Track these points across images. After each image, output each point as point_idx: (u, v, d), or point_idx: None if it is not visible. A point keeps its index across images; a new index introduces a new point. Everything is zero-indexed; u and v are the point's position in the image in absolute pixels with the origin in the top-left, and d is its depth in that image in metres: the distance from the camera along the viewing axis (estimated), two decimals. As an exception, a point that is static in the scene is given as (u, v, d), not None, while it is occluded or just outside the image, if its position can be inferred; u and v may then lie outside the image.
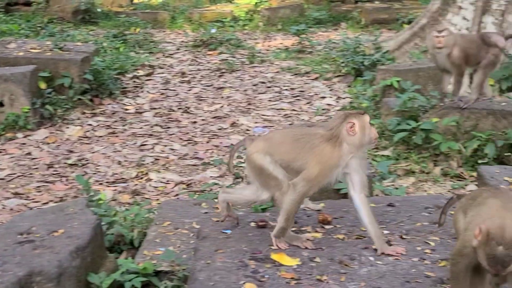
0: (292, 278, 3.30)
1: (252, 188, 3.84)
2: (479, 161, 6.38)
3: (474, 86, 6.59)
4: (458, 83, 6.48)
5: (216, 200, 5.36)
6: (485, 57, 6.39)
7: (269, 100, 9.40)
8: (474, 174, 5.94)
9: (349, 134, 3.60)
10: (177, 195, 6.11)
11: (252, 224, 3.97)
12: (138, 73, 10.76)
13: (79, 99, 8.56)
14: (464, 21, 9.74)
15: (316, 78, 10.54)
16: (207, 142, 7.68)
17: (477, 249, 2.77)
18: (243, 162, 5.89)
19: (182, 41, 13.56)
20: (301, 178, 3.59)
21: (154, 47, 12.79)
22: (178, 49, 12.98)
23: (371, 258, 3.52)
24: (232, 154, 4.24)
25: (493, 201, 3.00)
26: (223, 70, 11.09)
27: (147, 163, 6.91)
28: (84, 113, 8.53)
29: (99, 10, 15.60)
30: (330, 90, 9.88)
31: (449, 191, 5.93)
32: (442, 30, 6.31)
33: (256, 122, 8.44)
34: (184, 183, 6.44)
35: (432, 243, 3.74)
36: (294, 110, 8.96)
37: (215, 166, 6.79)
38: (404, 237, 3.83)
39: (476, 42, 6.39)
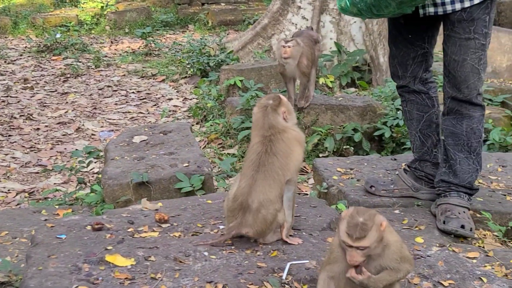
0: (126, 278, 3.29)
1: None
2: (320, 155, 6.60)
3: (310, 83, 6.80)
4: (305, 88, 6.68)
5: (57, 206, 5.27)
6: (315, 54, 6.66)
7: (115, 104, 9.29)
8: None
9: (286, 121, 3.74)
10: (18, 204, 5.91)
11: (88, 227, 3.90)
12: (-24, 81, 10.33)
13: None
14: (304, 20, 10.03)
15: (162, 80, 10.53)
16: (51, 149, 7.50)
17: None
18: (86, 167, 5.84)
19: (26, 47, 13.12)
20: (293, 168, 3.67)
21: (-5, 53, 12.32)
22: (21, 55, 12.55)
23: (206, 253, 3.56)
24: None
25: None
26: (68, 75, 10.84)
27: (-14, 173, 6.66)
28: None
29: None
30: (177, 91, 9.90)
31: (292, 185, 6.08)
32: (289, 41, 6.45)
33: (102, 126, 8.33)
34: (26, 192, 6.26)
35: (266, 235, 3.83)
36: (141, 112, 8.91)
37: (58, 173, 6.64)
38: (239, 230, 3.91)
39: (310, 44, 6.61)
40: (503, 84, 8.07)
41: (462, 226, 4.05)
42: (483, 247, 3.97)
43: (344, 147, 6.68)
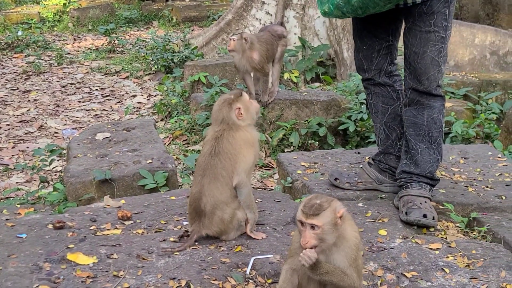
0: (88, 276, 3.26)
1: None
2: (286, 150, 6.61)
3: (274, 78, 6.79)
4: (265, 83, 6.64)
5: (18, 205, 5.20)
6: (277, 50, 6.62)
7: (79, 101, 9.19)
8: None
9: (239, 118, 3.69)
10: (-21, 204, 5.82)
11: (50, 226, 3.85)
12: None
13: None
14: (268, 15, 10.03)
15: (126, 77, 10.43)
16: (13, 147, 7.39)
17: None
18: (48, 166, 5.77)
19: (-14, 45, 12.93)
20: (241, 171, 3.61)
21: (-47, 51, 12.11)
22: (-19, 53, 12.37)
23: (170, 250, 3.54)
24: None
25: None
26: (30, 73, 10.69)
27: None
28: None
29: None
30: (141, 88, 9.82)
31: (258, 181, 6.08)
32: (235, 34, 6.39)
33: (65, 124, 8.23)
34: (-13, 191, 6.16)
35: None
36: (104, 110, 8.82)
37: (20, 171, 6.55)
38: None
39: (269, 39, 6.55)
40: (465, 77, 8.14)
41: (424, 216, 4.08)
42: (446, 238, 4.00)
43: (309, 141, 6.70)
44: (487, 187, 4.69)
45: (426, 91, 4.20)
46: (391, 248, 3.72)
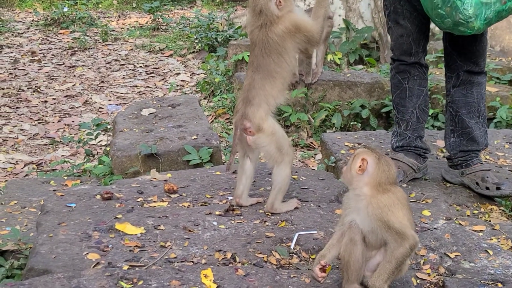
0: (136, 246, 3.32)
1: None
2: (328, 131, 6.61)
3: (319, 59, 6.79)
4: (309, 65, 6.65)
5: (65, 177, 5.31)
6: (323, 30, 6.60)
7: (123, 78, 9.30)
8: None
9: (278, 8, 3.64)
10: (26, 175, 5.95)
11: (98, 196, 3.94)
12: (-16, 53, 10.34)
13: None
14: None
15: (170, 55, 10.52)
16: (59, 121, 7.53)
17: None
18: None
19: (33, 20, 13.09)
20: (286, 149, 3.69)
21: (2, 26, 12.27)
22: (28, 28, 12.53)
23: (215, 223, 3.60)
24: (235, 144, 3.81)
25: None
26: (76, 49, 10.83)
27: (-5, 144, 6.70)
28: None
29: None
30: (185, 66, 9.90)
31: (299, 161, 6.11)
32: None
33: (109, 100, 8.35)
34: (34, 163, 6.29)
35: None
36: (148, 86, 8.92)
37: (66, 145, 6.67)
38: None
39: None
40: (511, 62, 8.04)
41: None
42: (490, 221, 4.00)
43: (352, 123, 6.69)
44: (532, 171, 4.67)
45: (480, 70, 4.33)
46: (434, 228, 3.73)
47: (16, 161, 6.34)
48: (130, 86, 8.91)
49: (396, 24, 4.40)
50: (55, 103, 8.14)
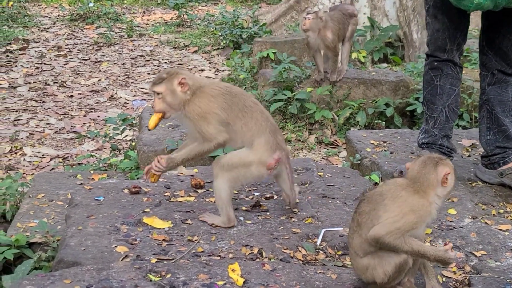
0: (164, 239, 3.36)
1: None
2: (352, 129, 6.61)
3: (344, 57, 6.80)
4: (335, 62, 6.67)
5: (92, 171, 5.36)
6: (348, 29, 6.62)
7: (148, 73, 9.36)
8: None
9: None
10: (53, 169, 6.02)
11: (125, 190, 3.98)
12: (11, 47, 10.43)
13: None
14: (337, -7, 10.00)
15: (195, 51, 10.57)
16: (84, 116, 7.60)
17: None
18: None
19: (59, 15, 13.22)
20: None
21: (29, 21, 12.41)
22: (54, 23, 12.65)
23: (241, 218, 3.62)
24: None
25: None
26: (101, 44, 10.92)
27: (22, 138, 6.77)
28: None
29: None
30: (209, 62, 9.95)
31: (323, 158, 6.12)
32: (310, 13, 6.42)
33: (134, 95, 8.41)
34: (60, 157, 6.36)
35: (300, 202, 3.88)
36: (173, 83, 8.95)
37: (92, 139, 6.73)
38: (275, 197, 3.97)
39: (341, 19, 6.56)
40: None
41: None
42: (516, 221, 3.99)
43: (376, 121, 6.69)
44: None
45: None
46: (460, 227, 3.73)
47: (43, 155, 6.41)
48: (155, 82, 8.95)
49: (434, 19, 4.38)
50: (80, 98, 8.22)
